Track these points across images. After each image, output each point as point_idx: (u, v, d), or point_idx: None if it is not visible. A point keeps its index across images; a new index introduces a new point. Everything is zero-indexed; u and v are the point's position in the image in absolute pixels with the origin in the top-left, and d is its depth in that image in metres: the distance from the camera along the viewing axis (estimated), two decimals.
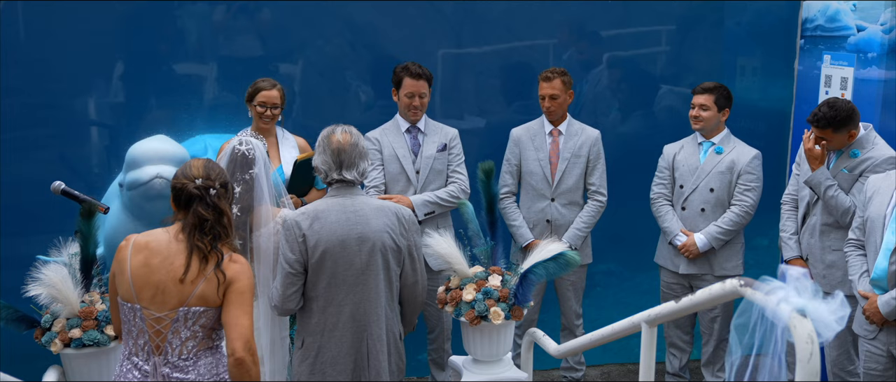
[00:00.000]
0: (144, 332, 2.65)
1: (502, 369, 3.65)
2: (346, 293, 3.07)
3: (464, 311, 3.47)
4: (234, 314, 2.61)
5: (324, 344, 3.09)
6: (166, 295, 2.62)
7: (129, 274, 2.64)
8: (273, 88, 4.11)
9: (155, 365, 2.64)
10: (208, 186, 2.65)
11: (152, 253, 2.64)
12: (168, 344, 2.64)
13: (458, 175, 4.46)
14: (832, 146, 4.04)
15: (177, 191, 2.67)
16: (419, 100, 4.37)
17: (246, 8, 4.88)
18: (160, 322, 2.63)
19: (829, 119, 3.95)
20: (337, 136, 3.11)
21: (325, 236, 3.01)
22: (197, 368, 2.67)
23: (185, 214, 2.66)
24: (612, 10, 5.38)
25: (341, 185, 3.11)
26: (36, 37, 4.56)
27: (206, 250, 2.61)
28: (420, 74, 4.35)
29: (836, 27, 4.93)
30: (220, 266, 2.62)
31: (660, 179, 4.69)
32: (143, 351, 2.66)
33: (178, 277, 2.60)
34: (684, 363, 4.87)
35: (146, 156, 4.10)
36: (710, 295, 2.65)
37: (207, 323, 2.67)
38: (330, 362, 3.10)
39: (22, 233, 4.56)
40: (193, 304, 2.63)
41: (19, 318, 3.19)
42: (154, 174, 4.02)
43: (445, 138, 4.47)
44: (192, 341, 2.66)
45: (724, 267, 4.53)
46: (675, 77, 5.50)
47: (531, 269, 3.39)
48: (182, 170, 2.70)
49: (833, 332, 2.22)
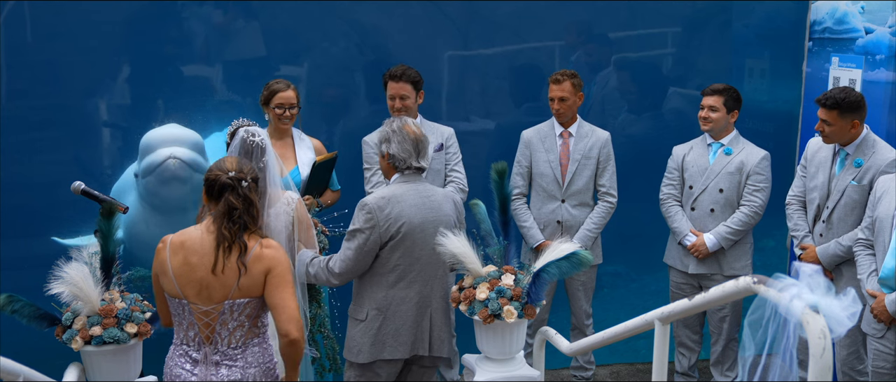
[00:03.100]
0: (194, 325, 2.81)
1: (515, 367, 3.67)
2: (417, 271, 3.38)
3: (477, 310, 3.50)
4: (280, 297, 2.76)
5: (388, 317, 3.37)
6: (210, 290, 2.76)
7: (172, 273, 2.77)
8: (288, 89, 4.11)
9: (206, 355, 2.81)
10: (240, 177, 2.79)
11: (190, 252, 2.77)
12: (217, 335, 2.79)
13: (456, 173, 4.46)
14: (833, 132, 4.04)
15: (210, 183, 2.80)
16: (400, 102, 4.31)
17: (252, 9, 4.90)
18: (208, 314, 2.78)
19: (838, 100, 3.97)
20: (411, 127, 3.39)
21: (405, 218, 3.30)
22: (245, 357, 2.83)
23: (216, 205, 2.79)
24: (620, 12, 5.39)
25: (412, 172, 3.40)
26: (42, 39, 4.58)
27: (231, 239, 2.73)
28: (400, 76, 4.30)
29: (844, 29, 4.95)
30: (244, 257, 2.73)
31: (669, 180, 4.72)
32: (194, 342, 2.83)
33: (214, 269, 2.73)
34: (693, 362, 4.90)
35: (160, 140, 4.14)
36: (723, 293, 2.69)
37: (252, 313, 2.82)
38: (392, 334, 3.38)
39: (36, 234, 4.60)
40: (237, 297, 2.77)
41: (41, 316, 3.22)
42: (167, 154, 4.06)
43: (441, 137, 4.46)
44: (240, 330, 2.81)
45: (734, 267, 4.55)
46: (684, 79, 5.52)
47: (544, 268, 3.41)
48: (216, 164, 2.85)
49: (845, 328, 2.26)
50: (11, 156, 4.51)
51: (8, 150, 4.49)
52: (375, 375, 3.45)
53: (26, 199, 4.59)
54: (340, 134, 5.08)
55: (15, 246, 4.51)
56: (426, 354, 3.46)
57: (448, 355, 3.61)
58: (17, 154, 4.57)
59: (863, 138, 4.07)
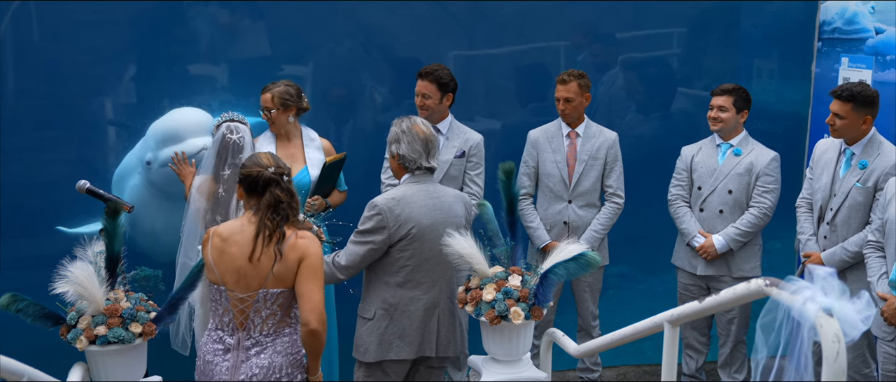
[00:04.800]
0: (229, 311, 2.97)
1: (521, 369, 3.65)
2: (426, 272, 3.38)
3: (484, 311, 3.48)
4: (308, 287, 2.91)
5: (395, 317, 3.37)
6: (248, 279, 2.92)
7: (212, 262, 2.96)
8: (267, 92, 4.14)
9: (238, 340, 2.97)
10: (282, 172, 2.95)
11: (231, 243, 2.94)
12: (250, 322, 2.95)
13: (474, 186, 4.43)
14: (844, 127, 4.02)
15: (253, 178, 2.93)
16: (422, 99, 4.35)
17: (257, 9, 4.90)
18: (243, 301, 2.94)
19: (854, 93, 3.95)
20: (421, 127, 3.38)
21: (415, 219, 3.30)
22: (275, 345, 2.97)
23: (257, 199, 2.93)
24: (626, 12, 5.37)
25: (423, 172, 3.39)
26: (48, 38, 4.57)
27: (273, 229, 2.88)
28: (424, 74, 4.34)
29: (854, 29, 4.92)
30: (281, 245, 2.88)
31: (677, 181, 4.69)
32: (228, 327, 2.99)
33: (251, 257, 2.88)
34: (701, 364, 4.87)
35: (187, 129, 4.14)
36: (734, 295, 2.66)
37: (284, 303, 2.97)
38: (399, 334, 3.38)
39: (41, 233, 4.59)
40: (271, 286, 2.92)
41: (45, 315, 3.21)
42: (201, 146, 4.07)
43: (466, 145, 4.44)
44: (272, 319, 2.96)
45: (742, 269, 4.53)
46: (691, 79, 5.50)
47: (552, 269, 3.39)
48: (252, 160, 2.98)
49: (859, 332, 2.23)
50: (17, 154, 4.50)
51: (14, 149, 4.48)
52: (384, 374, 3.44)
53: (30, 198, 4.58)
54: (347, 134, 5.06)
55: (18, 246, 4.50)
56: (433, 355, 3.45)
57: (456, 355, 3.60)
58: (22, 153, 4.56)
59: (869, 138, 4.05)
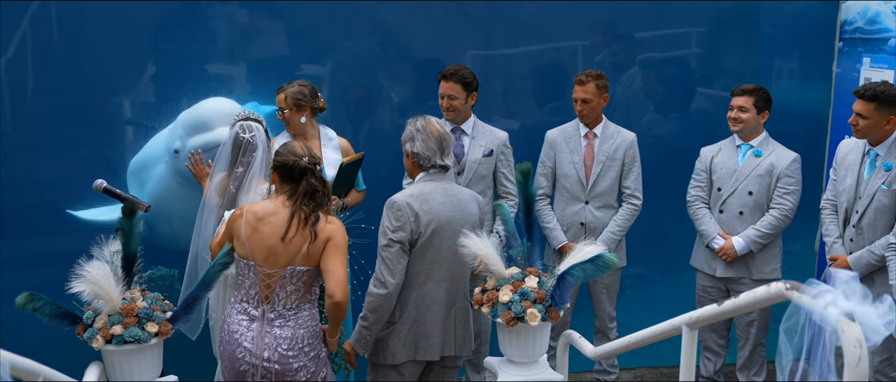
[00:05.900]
0: (256, 284, 3.19)
1: (538, 370, 3.62)
2: (445, 270, 3.40)
3: (500, 312, 3.46)
4: (333, 263, 3.14)
5: (419, 318, 3.40)
6: (277, 256, 3.14)
7: (245, 238, 3.17)
8: (281, 92, 4.15)
9: (263, 312, 3.19)
10: (316, 162, 3.19)
11: (265, 222, 3.15)
12: (275, 296, 3.17)
13: (509, 184, 4.46)
14: (867, 127, 3.98)
15: (289, 167, 3.16)
16: (448, 101, 4.35)
17: (276, 9, 4.91)
18: (270, 277, 3.16)
19: (878, 92, 3.91)
20: (435, 125, 3.41)
21: (435, 216, 3.33)
22: (296, 318, 3.19)
23: (292, 186, 3.17)
24: (645, 12, 5.34)
25: (438, 171, 3.41)
26: (68, 37, 4.61)
27: (309, 213, 3.12)
28: (450, 75, 4.34)
29: (876, 29, 4.86)
30: (315, 226, 3.12)
31: (697, 182, 4.65)
32: (253, 300, 3.21)
33: (284, 237, 3.11)
34: (719, 367, 4.83)
35: (217, 118, 4.16)
36: (754, 298, 2.62)
37: (309, 280, 3.20)
38: (423, 335, 3.40)
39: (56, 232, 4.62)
40: (298, 264, 3.15)
41: (61, 314, 3.21)
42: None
43: (493, 143, 4.44)
44: (296, 294, 3.19)
45: (762, 271, 4.48)
46: (710, 79, 5.46)
47: (569, 271, 3.36)
48: (287, 148, 3.21)
49: (881, 336, 2.19)
50: (36, 153, 4.53)
51: (33, 148, 4.52)
52: (400, 375, 3.44)
53: (50, 196, 4.61)
54: (364, 134, 5.06)
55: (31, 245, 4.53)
56: (452, 353, 3.46)
57: (469, 354, 3.60)
58: (41, 151, 4.59)
59: (893, 139, 4.00)
